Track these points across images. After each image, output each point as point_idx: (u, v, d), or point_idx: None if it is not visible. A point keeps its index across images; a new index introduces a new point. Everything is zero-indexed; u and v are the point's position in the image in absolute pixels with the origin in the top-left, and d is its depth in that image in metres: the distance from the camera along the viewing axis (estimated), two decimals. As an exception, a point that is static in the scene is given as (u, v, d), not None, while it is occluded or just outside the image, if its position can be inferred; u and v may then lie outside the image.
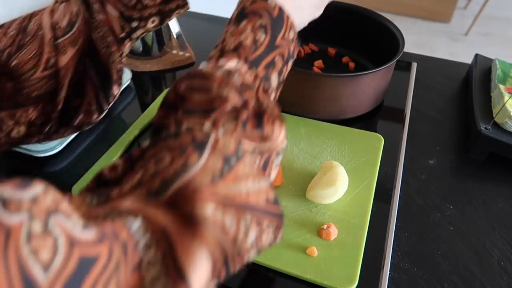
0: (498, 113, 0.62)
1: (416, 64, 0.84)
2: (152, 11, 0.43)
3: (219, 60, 0.33)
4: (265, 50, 0.35)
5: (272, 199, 0.30)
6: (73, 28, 0.41)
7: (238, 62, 0.33)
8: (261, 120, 0.31)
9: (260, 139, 0.31)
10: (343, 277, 0.46)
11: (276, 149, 0.32)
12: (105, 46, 0.42)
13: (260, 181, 0.29)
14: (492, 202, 0.57)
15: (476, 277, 0.48)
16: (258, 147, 0.31)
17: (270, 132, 0.31)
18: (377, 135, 0.64)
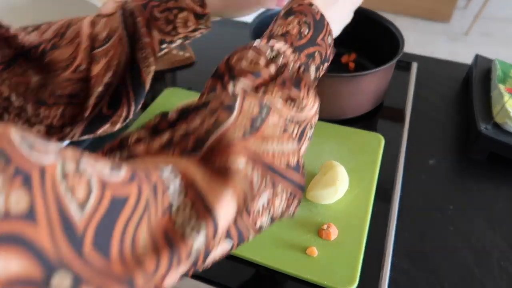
0: (498, 113, 0.62)
1: (416, 64, 0.84)
2: (181, 36, 0.49)
3: (270, 41, 0.37)
4: (308, 42, 0.38)
5: (294, 165, 0.32)
6: (109, 42, 0.44)
7: (285, 45, 0.37)
8: (298, 84, 0.35)
9: (297, 109, 0.34)
10: (343, 277, 0.46)
11: (310, 121, 0.36)
12: (146, 66, 0.46)
13: (284, 143, 0.31)
14: (492, 202, 0.57)
15: (476, 277, 0.48)
16: (296, 117, 0.34)
17: (305, 97, 0.35)
18: (377, 135, 0.64)
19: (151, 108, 0.70)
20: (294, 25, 0.38)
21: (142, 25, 0.45)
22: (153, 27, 0.46)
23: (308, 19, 0.39)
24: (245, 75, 0.34)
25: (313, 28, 0.39)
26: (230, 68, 0.35)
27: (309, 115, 0.36)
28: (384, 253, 0.50)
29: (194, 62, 0.85)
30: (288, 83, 0.35)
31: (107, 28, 0.44)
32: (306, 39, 0.38)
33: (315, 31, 0.39)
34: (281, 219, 0.33)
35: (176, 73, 0.83)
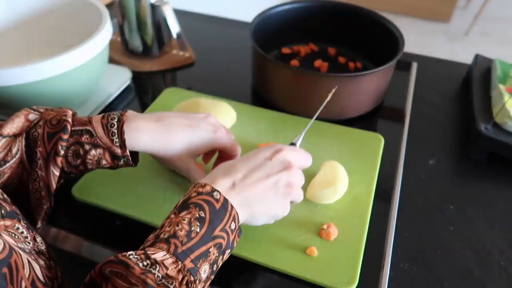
0: (498, 113, 0.62)
1: (416, 64, 0.84)
2: (90, 170, 0.46)
3: (149, 249, 0.35)
4: (199, 242, 0.36)
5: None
6: (5, 165, 0.41)
7: (165, 255, 0.34)
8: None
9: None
10: (343, 277, 0.46)
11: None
12: (37, 198, 0.43)
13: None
14: (492, 202, 0.57)
15: (476, 277, 0.48)
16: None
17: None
18: (377, 135, 0.64)
19: (151, 108, 0.70)
20: (183, 225, 0.36)
21: (40, 157, 0.42)
22: (52, 162, 0.41)
23: (203, 213, 0.37)
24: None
25: (207, 223, 0.37)
26: (106, 278, 0.33)
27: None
28: (384, 253, 0.50)
29: (194, 62, 0.85)
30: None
31: (4, 151, 0.41)
32: (197, 239, 0.36)
33: (211, 224, 0.37)
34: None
35: (176, 73, 0.83)
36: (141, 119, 0.46)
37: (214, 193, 0.39)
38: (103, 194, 0.55)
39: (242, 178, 0.41)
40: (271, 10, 0.79)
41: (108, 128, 0.44)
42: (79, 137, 0.43)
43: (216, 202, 0.38)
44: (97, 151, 0.44)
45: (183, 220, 0.37)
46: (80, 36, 0.64)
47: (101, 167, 0.45)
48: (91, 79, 0.65)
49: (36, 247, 0.36)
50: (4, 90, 0.55)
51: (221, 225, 0.38)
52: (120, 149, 0.44)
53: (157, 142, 0.46)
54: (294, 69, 0.67)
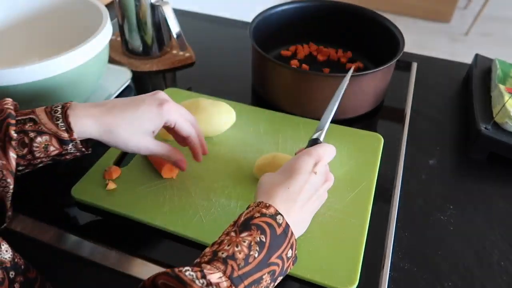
0: (498, 113, 0.62)
1: (416, 64, 0.84)
2: (44, 160, 0.45)
3: (205, 267, 0.34)
4: (255, 267, 0.35)
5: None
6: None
7: (221, 277, 0.34)
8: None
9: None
10: (343, 277, 0.46)
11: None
12: (3, 186, 0.42)
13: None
14: (492, 202, 0.57)
15: (476, 277, 0.48)
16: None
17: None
18: (377, 135, 0.64)
19: (151, 108, 0.70)
20: (243, 247, 0.36)
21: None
22: (10, 148, 0.41)
23: (264, 237, 0.37)
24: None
25: (267, 248, 0.36)
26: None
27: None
28: (384, 253, 0.50)
29: (194, 62, 0.85)
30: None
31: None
32: (254, 264, 0.35)
33: (270, 250, 0.37)
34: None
35: (176, 73, 0.83)
36: (84, 106, 0.46)
37: (277, 217, 0.39)
38: (103, 194, 0.55)
39: (298, 200, 0.42)
40: (271, 10, 0.79)
41: (52, 114, 0.43)
42: (22, 126, 0.42)
43: (278, 227, 0.38)
44: (43, 137, 0.43)
45: (243, 242, 0.36)
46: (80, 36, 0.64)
47: (50, 155, 0.44)
48: (91, 79, 0.65)
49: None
50: (4, 90, 0.55)
51: (279, 252, 0.37)
52: (67, 133, 0.43)
53: (102, 125, 0.45)
54: (294, 69, 0.67)
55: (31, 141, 0.42)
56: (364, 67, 0.81)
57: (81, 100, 0.68)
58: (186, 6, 1.05)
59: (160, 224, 0.51)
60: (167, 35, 0.84)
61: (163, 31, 0.82)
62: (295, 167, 0.44)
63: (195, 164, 0.58)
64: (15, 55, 0.74)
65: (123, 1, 0.75)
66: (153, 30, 0.80)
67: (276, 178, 0.44)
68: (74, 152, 0.46)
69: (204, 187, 0.56)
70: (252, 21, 0.74)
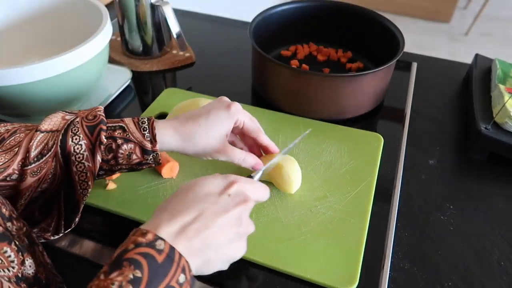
0: (498, 113, 0.62)
1: (416, 64, 0.84)
2: (123, 168, 0.47)
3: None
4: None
5: None
6: (41, 159, 0.43)
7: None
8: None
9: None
10: (343, 277, 0.46)
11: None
12: (82, 188, 0.45)
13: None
14: (492, 202, 0.57)
15: (476, 277, 0.48)
16: None
17: None
18: (377, 135, 0.64)
19: (151, 108, 0.70)
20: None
21: (86, 149, 0.44)
22: (98, 152, 0.44)
23: (140, 271, 0.31)
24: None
25: (145, 284, 0.31)
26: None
27: None
28: (384, 253, 0.50)
29: (194, 62, 0.85)
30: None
31: (40, 146, 0.43)
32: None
33: (150, 284, 0.31)
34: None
35: (176, 73, 0.83)
36: (164, 120, 0.49)
37: (156, 243, 0.33)
38: (103, 194, 0.55)
39: (193, 219, 0.35)
40: (271, 10, 0.79)
41: (139, 125, 0.46)
42: (112, 132, 0.45)
43: (159, 254, 0.32)
44: (129, 145, 0.45)
45: (112, 285, 0.30)
46: (80, 36, 0.64)
47: (131, 163, 0.46)
48: (91, 79, 0.65)
49: (20, 272, 0.35)
50: (4, 90, 0.55)
51: (165, 281, 0.32)
52: (151, 144, 0.46)
53: (181, 134, 0.47)
54: (294, 69, 0.67)
55: (118, 148, 0.45)
56: (364, 67, 0.81)
57: (81, 99, 0.68)
58: (186, 6, 1.05)
59: None
60: (167, 35, 0.84)
61: (163, 31, 0.82)
62: (197, 188, 0.38)
63: (195, 164, 0.58)
64: (15, 55, 0.74)
65: (123, 1, 0.75)
66: (153, 30, 0.80)
67: (173, 198, 0.38)
68: (151, 163, 0.47)
69: (204, 187, 0.56)
70: (252, 21, 0.74)
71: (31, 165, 0.42)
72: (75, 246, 0.50)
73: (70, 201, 0.45)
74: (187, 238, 0.34)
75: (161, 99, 0.72)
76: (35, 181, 0.43)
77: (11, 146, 0.42)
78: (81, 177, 0.44)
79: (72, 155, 0.44)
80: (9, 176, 0.42)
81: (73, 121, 0.45)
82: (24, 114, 0.64)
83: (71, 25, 0.74)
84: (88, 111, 0.47)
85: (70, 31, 0.74)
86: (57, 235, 0.46)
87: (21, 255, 0.36)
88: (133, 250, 0.32)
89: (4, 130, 0.44)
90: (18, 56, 0.74)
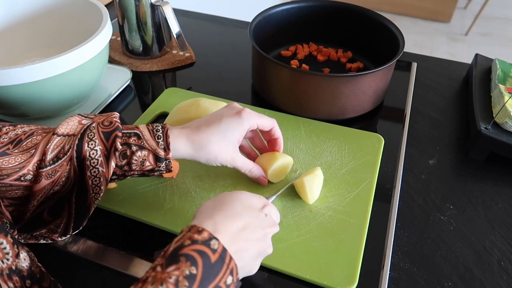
0: (498, 113, 0.62)
1: (416, 64, 0.84)
2: (135, 174, 0.47)
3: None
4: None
5: None
6: (57, 162, 0.43)
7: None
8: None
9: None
10: (343, 277, 0.46)
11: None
12: (95, 193, 0.45)
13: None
14: (492, 202, 0.57)
15: (476, 277, 0.48)
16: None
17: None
18: (377, 135, 0.64)
19: (151, 108, 0.70)
20: (168, 286, 0.31)
21: (101, 154, 0.44)
22: (112, 158, 0.44)
23: (195, 268, 0.32)
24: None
25: (199, 281, 0.32)
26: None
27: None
28: (384, 253, 0.50)
29: (194, 62, 0.85)
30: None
31: (56, 149, 0.43)
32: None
33: (203, 282, 0.32)
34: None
35: (176, 73, 0.83)
36: (177, 127, 0.49)
37: (211, 242, 0.34)
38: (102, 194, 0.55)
39: (242, 227, 0.38)
40: (270, 10, 0.79)
41: (154, 132, 0.47)
42: (127, 139, 0.46)
43: (213, 254, 0.34)
44: (143, 152, 0.46)
45: (169, 279, 0.31)
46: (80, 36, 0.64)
47: (143, 169, 0.47)
48: (91, 79, 0.65)
49: (14, 264, 0.35)
50: (4, 90, 0.55)
51: (215, 281, 0.33)
52: (164, 152, 0.46)
53: (194, 143, 0.48)
54: (294, 69, 0.67)
55: (132, 154, 0.45)
56: (364, 67, 0.81)
57: (81, 99, 0.68)
58: (186, 6, 1.05)
59: (160, 224, 0.51)
60: (167, 35, 0.84)
61: (163, 31, 0.82)
62: (243, 199, 0.41)
63: (195, 164, 0.58)
64: (15, 55, 0.74)
65: (123, 1, 0.75)
66: (153, 30, 0.80)
67: (219, 204, 0.40)
68: (162, 170, 0.48)
69: (204, 187, 0.56)
70: (252, 21, 0.74)
71: (47, 167, 0.43)
72: (75, 245, 0.50)
73: (82, 204, 0.45)
74: (237, 243, 0.36)
75: (161, 99, 0.72)
76: (49, 184, 0.43)
77: (28, 148, 0.43)
78: (94, 182, 0.45)
79: (87, 160, 0.44)
80: (23, 176, 0.42)
81: (89, 126, 0.45)
82: (24, 114, 0.64)
83: (71, 25, 0.74)
84: (104, 116, 0.47)
85: (70, 31, 0.74)
86: (64, 236, 0.46)
87: (16, 248, 0.36)
88: (189, 246, 0.34)
89: (21, 132, 0.44)
90: (18, 56, 0.74)
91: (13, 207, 0.44)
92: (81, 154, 0.44)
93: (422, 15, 2.74)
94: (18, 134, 0.44)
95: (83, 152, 0.44)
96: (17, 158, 0.42)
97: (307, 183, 0.52)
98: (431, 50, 2.44)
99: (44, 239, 0.46)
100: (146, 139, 0.46)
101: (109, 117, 0.47)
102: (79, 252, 0.50)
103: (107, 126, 0.46)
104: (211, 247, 0.34)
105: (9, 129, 0.44)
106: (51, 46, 0.75)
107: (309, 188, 0.52)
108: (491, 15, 2.73)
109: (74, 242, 0.51)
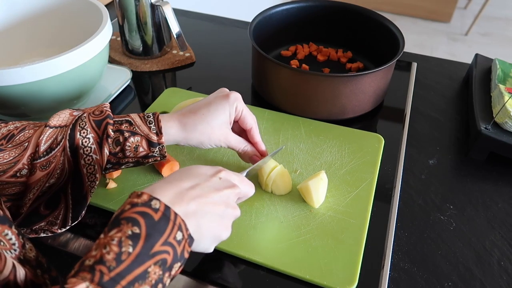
0: (498, 113, 0.62)
1: (416, 64, 0.84)
2: (130, 160, 0.48)
3: (70, 282, 0.30)
4: (131, 264, 0.31)
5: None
6: (50, 153, 0.44)
7: (88, 286, 0.29)
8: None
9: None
10: (343, 277, 0.46)
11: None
12: (90, 180, 0.46)
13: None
14: (492, 202, 0.57)
15: (476, 277, 0.48)
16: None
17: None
18: (377, 135, 0.64)
19: (151, 108, 0.70)
20: (112, 247, 0.31)
21: (94, 142, 0.45)
22: (105, 145, 0.45)
23: (138, 228, 0.32)
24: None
25: (143, 240, 0.32)
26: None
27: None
28: (384, 253, 0.50)
29: (194, 62, 0.85)
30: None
31: (50, 140, 0.44)
32: (129, 261, 0.31)
33: (148, 240, 0.32)
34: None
35: (176, 73, 0.83)
36: (168, 114, 0.51)
37: (152, 202, 0.34)
38: (103, 193, 0.55)
39: (189, 188, 0.37)
40: (270, 10, 0.79)
41: (145, 119, 0.48)
42: (119, 126, 0.47)
43: (155, 213, 0.34)
44: (135, 138, 0.47)
45: (111, 241, 0.32)
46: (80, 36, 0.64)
47: (137, 156, 0.47)
48: (91, 79, 0.65)
49: (22, 254, 0.36)
50: (4, 90, 0.55)
51: (163, 238, 0.33)
52: (156, 136, 0.47)
53: (186, 125, 0.49)
54: (294, 69, 0.67)
55: (125, 140, 0.46)
56: (364, 67, 0.81)
57: (81, 99, 0.68)
58: (186, 6, 1.05)
59: None
60: (167, 35, 0.84)
61: (163, 31, 0.82)
62: (192, 168, 0.41)
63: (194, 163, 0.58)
64: (15, 55, 0.74)
65: (123, 1, 0.75)
66: (153, 30, 0.80)
67: (169, 175, 0.40)
68: (157, 156, 0.48)
69: (204, 187, 0.56)
70: (252, 21, 0.74)
71: (41, 159, 0.43)
72: (75, 245, 0.50)
73: (78, 194, 0.46)
74: (183, 201, 0.36)
75: (161, 99, 0.72)
76: (44, 176, 0.44)
77: (20, 141, 0.44)
78: (89, 170, 0.45)
79: (80, 148, 0.45)
80: (19, 171, 0.43)
81: (80, 116, 0.47)
82: (25, 114, 0.64)
83: (71, 25, 0.74)
84: (94, 107, 0.48)
85: (70, 31, 0.74)
86: (64, 227, 0.46)
87: (21, 238, 0.36)
88: (129, 210, 0.34)
89: (13, 127, 0.45)
90: (18, 56, 0.74)
91: (10, 202, 0.44)
92: (74, 143, 0.45)
93: (422, 15, 2.74)
94: (10, 129, 0.45)
95: (76, 141, 0.45)
96: (11, 152, 0.42)
97: (313, 187, 0.52)
98: (431, 50, 2.44)
99: (44, 232, 0.46)
100: (138, 125, 0.47)
101: (99, 107, 0.48)
102: (79, 251, 0.50)
103: (98, 115, 0.47)
104: (153, 207, 0.34)
105: (1, 126, 0.45)
106: (51, 46, 0.75)
107: (314, 192, 0.52)
108: (491, 15, 2.73)
109: (74, 241, 0.51)
